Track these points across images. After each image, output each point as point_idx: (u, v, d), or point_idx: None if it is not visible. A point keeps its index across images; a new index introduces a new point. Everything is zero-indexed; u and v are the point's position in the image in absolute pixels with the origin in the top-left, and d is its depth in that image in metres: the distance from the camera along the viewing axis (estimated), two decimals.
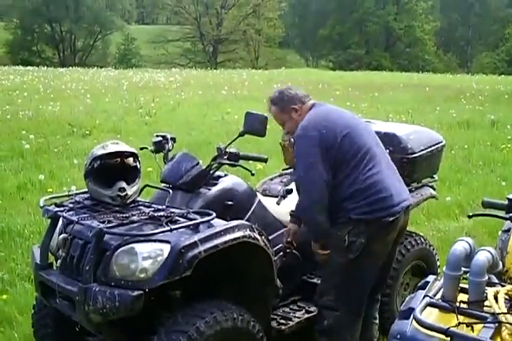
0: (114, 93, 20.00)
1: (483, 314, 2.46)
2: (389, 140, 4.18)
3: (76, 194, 3.80)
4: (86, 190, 3.71)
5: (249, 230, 3.36)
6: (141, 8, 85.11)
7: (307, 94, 3.91)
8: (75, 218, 3.31)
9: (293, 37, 70.37)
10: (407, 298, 2.83)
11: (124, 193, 3.51)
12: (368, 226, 3.59)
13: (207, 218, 3.29)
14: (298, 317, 4.04)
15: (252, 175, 4.49)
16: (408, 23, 60.58)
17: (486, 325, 2.42)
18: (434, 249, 4.78)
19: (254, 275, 3.58)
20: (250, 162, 4.38)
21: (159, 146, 4.18)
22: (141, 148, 4.34)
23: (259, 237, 3.40)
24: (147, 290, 3.06)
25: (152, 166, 6.83)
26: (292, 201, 4.10)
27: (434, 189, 4.81)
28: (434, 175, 4.84)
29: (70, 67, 36.55)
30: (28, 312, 4.42)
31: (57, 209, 3.52)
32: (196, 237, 3.13)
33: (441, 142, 4.73)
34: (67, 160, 9.73)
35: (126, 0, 78.39)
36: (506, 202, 3.34)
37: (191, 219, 3.31)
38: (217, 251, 3.17)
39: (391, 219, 3.63)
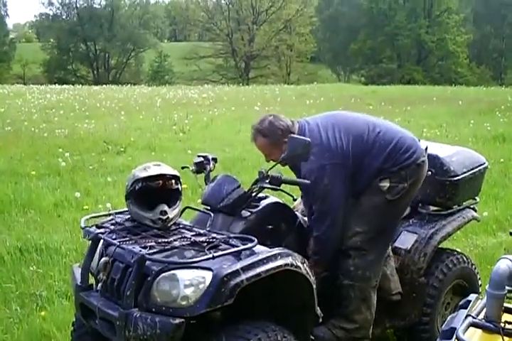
0: (147, 110, 20.16)
1: None
2: (431, 162, 4.14)
3: (116, 213, 3.80)
4: (125, 209, 3.71)
5: (292, 258, 3.32)
6: (174, 25, 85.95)
7: (292, 122, 3.93)
8: (116, 241, 3.30)
9: (324, 52, 70.40)
10: (448, 318, 2.76)
11: (166, 216, 3.47)
12: (408, 173, 3.86)
13: (249, 245, 3.25)
14: None
15: (294, 200, 4.49)
16: (440, 36, 60.24)
17: None
18: (475, 268, 4.71)
19: (295, 302, 3.54)
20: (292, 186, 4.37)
21: (200, 167, 4.16)
22: (183, 168, 4.34)
23: (301, 265, 3.36)
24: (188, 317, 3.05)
25: (187, 183, 6.87)
26: None
27: (475, 211, 4.74)
28: (476, 197, 4.76)
29: (104, 85, 37.00)
30: (67, 330, 4.45)
31: (98, 230, 3.52)
32: (239, 265, 3.09)
33: (483, 164, 4.66)
34: (102, 178, 9.81)
35: (159, 18, 79.36)
36: None
37: (233, 245, 3.28)
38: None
39: (423, 158, 3.95)
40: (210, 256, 3.09)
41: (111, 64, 64.40)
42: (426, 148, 4.12)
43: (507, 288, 2.57)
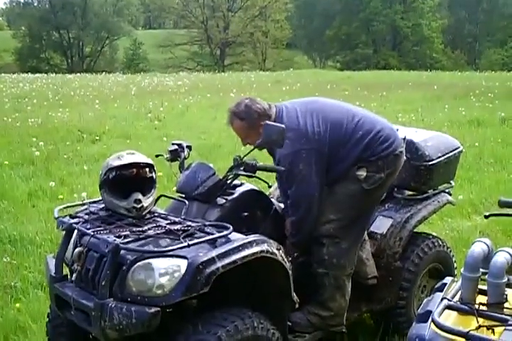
0: (122, 98, 20.04)
1: (504, 316, 2.41)
2: (406, 147, 4.12)
3: (90, 203, 3.76)
4: (100, 198, 3.67)
5: (267, 245, 3.31)
6: (148, 12, 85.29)
7: (269, 105, 3.90)
8: (90, 231, 3.27)
9: (300, 38, 70.32)
10: (424, 301, 2.77)
11: (140, 205, 3.44)
12: (385, 162, 3.87)
13: (224, 233, 3.23)
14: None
15: (269, 187, 4.46)
16: (415, 22, 60.42)
17: (508, 327, 2.36)
18: (451, 251, 4.73)
19: (271, 288, 3.53)
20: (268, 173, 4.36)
21: (175, 155, 4.12)
22: (157, 156, 4.29)
23: (276, 252, 3.35)
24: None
25: (162, 171, 6.83)
26: None
27: (450, 195, 4.76)
28: (451, 181, 4.78)
29: (79, 74, 36.69)
30: (42, 321, 4.41)
31: (72, 221, 3.48)
32: (214, 253, 3.08)
33: (458, 148, 4.66)
34: (77, 167, 9.73)
35: (133, 5, 78.68)
36: None
37: (208, 233, 3.26)
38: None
39: (401, 149, 3.96)
40: (185, 244, 3.06)
41: (85, 52, 63.77)
42: (404, 138, 4.13)
43: (481, 270, 2.58)
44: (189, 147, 4.21)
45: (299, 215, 3.86)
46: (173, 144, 4.19)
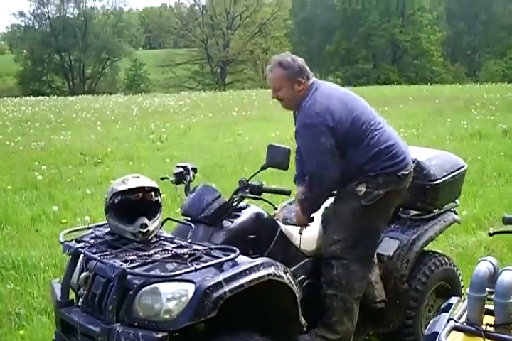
0: (124, 119, 20.09)
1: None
2: None
3: (95, 227, 3.76)
4: (105, 222, 3.67)
5: (274, 268, 3.29)
6: (148, 32, 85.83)
7: (310, 73, 3.96)
8: (96, 256, 3.26)
9: (300, 54, 68.92)
10: (430, 322, 2.74)
11: (146, 229, 3.44)
12: (385, 180, 3.83)
13: (231, 256, 3.21)
14: None
15: (275, 209, 4.45)
16: (414, 35, 60.59)
17: None
18: (457, 269, 4.70)
19: (278, 312, 3.51)
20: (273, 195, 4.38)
21: (180, 177, 4.13)
22: (162, 179, 4.29)
23: (283, 275, 3.33)
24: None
25: (166, 192, 6.80)
26: (314, 229, 4.12)
27: (456, 213, 4.74)
28: (457, 200, 4.75)
29: (80, 96, 36.82)
30: None
31: (77, 245, 3.48)
32: (221, 277, 3.06)
33: (463, 166, 4.65)
34: (80, 190, 9.73)
35: (133, 26, 79.16)
36: None
37: (215, 257, 3.25)
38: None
39: (406, 172, 3.90)
40: (192, 268, 3.06)
41: (86, 74, 64.04)
42: (414, 160, 4.12)
43: (487, 289, 2.56)
44: (194, 169, 4.22)
45: (319, 169, 3.79)
46: (178, 167, 4.20)
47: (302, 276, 3.92)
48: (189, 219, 3.83)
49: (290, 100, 3.89)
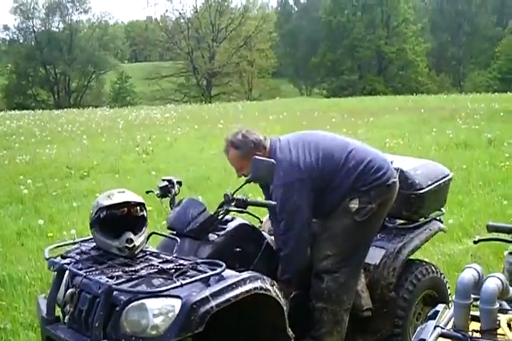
0: (110, 132, 20.06)
1: None
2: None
3: (81, 242, 3.75)
4: (90, 236, 3.66)
5: (261, 281, 3.28)
6: (134, 46, 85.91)
7: (264, 137, 3.96)
8: (82, 272, 3.24)
9: (285, 66, 70.90)
10: (417, 329, 2.75)
11: (132, 244, 3.42)
12: (377, 193, 3.87)
13: (217, 270, 3.20)
14: None
15: (261, 222, 4.45)
16: (399, 46, 61.08)
17: None
18: (444, 277, 4.72)
19: (266, 325, 3.50)
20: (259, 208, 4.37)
21: (165, 191, 4.13)
22: (147, 192, 4.29)
23: (270, 288, 3.33)
24: None
25: (152, 205, 6.79)
26: None
27: (442, 222, 4.75)
28: (442, 208, 4.77)
29: (66, 109, 36.78)
30: None
31: (63, 261, 3.45)
32: (208, 292, 3.05)
33: (448, 175, 4.66)
34: (66, 204, 9.67)
35: (118, 39, 79.22)
36: (511, 225, 3.29)
37: (201, 271, 3.23)
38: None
39: (394, 180, 3.96)
40: (179, 283, 3.04)
41: (72, 87, 64.02)
42: (397, 169, 4.13)
43: (473, 296, 2.56)
44: (179, 183, 4.22)
45: (290, 247, 3.84)
46: (163, 180, 4.20)
47: None
48: (175, 232, 3.83)
49: None
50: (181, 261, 3.36)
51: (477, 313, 2.56)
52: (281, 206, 3.80)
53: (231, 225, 3.85)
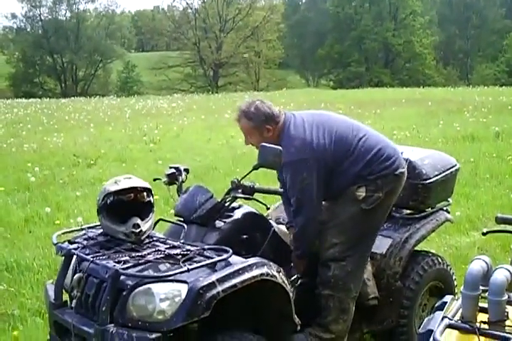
0: (117, 121, 20.07)
1: (506, 334, 2.40)
2: None
3: (88, 228, 3.77)
4: (97, 223, 3.68)
5: (267, 267, 3.30)
6: (141, 35, 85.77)
7: (279, 111, 3.94)
8: (89, 257, 3.26)
9: (292, 57, 70.69)
10: (425, 320, 2.75)
11: (139, 230, 3.44)
12: (384, 182, 3.86)
13: (224, 256, 3.22)
14: None
15: (267, 209, 4.46)
16: (406, 39, 60.81)
17: None
18: (451, 269, 4.72)
19: (272, 311, 3.52)
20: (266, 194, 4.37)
21: (172, 178, 4.14)
22: (155, 179, 4.30)
23: (276, 274, 3.34)
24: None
25: (159, 193, 6.80)
26: None
27: (449, 212, 4.74)
28: (449, 199, 4.76)
29: (72, 98, 36.78)
30: None
31: (71, 246, 3.48)
32: (214, 277, 3.06)
33: (455, 166, 4.66)
34: (73, 192, 9.70)
35: (125, 28, 79.08)
36: None
37: (208, 257, 3.25)
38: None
39: (402, 170, 3.95)
40: (185, 269, 3.06)
41: (79, 76, 63.92)
42: (407, 159, 4.13)
43: (481, 288, 2.57)
44: (186, 170, 4.22)
45: (301, 224, 3.85)
46: (170, 168, 4.21)
47: (296, 275, 3.92)
48: (182, 219, 3.84)
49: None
50: (188, 247, 3.38)
51: (485, 305, 2.57)
52: (291, 183, 3.81)
53: (238, 213, 3.86)
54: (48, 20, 63.98)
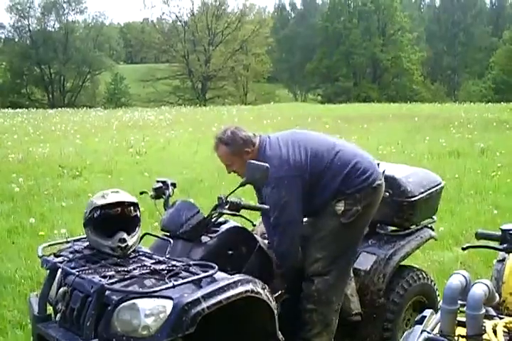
0: (103, 133, 20.01)
1: None
2: (388, 183, 4.15)
3: (74, 241, 3.76)
4: (83, 236, 3.67)
5: (252, 284, 3.30)
6: (129, 47, 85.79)
7: (253, 134, 4.00)
8: (75, 271, 3.25)
9: (281, 71, 71.05)
10: (405, 333, 2.77)
11: (125, 244, 3.44)
12: (362, 195, 3.89)
13: (209, 272, 3.22)
14: None
15: (253, 225, 4.47)
16: (395, 54, 61.29)
17: None
18: (434, 284, 4.74)
19: (256, 328, 3.52)
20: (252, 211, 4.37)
21: (159, 192, 4.14)
22: (141, 193, 4.30)
23: (261, 291, 3.35)
24: None
25: (144, 207, 6.78)
26: None
27: (433, 230, 4.77)
28: (434, 216, 4.79)
29: (60, 108, 36.71)
30: None
31: (56, 259, 3.46)
32: (199, 293, 3.06)
33: (440, 183, 4.68)
34: (58, 202, 9.64)
35: (113, 40, 79.14)
36: (500, 233, 3.31)
37: (193, 273, 3.25)
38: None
39: (379, 182, 3.98)
40: (171, 284, 3.05)
41: (66, 87, 63.87)
42: (383, 172, 4.15)
43: (459, 302, 2.59)
44: (174, 184, 4.23)
45: (282, 243, 3.88)
46: (157, 182, 4.21)
47: (280, 292, 3.93)
48: (168, 234, 3.84)
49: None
50: (174, 263, 3.37)
51: (463, 319, 2.59)
52: (271, 201, 3.83)
53: (224, 228, 3.86)
54: (36, 31, 63.90)
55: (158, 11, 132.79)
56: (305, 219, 4.05)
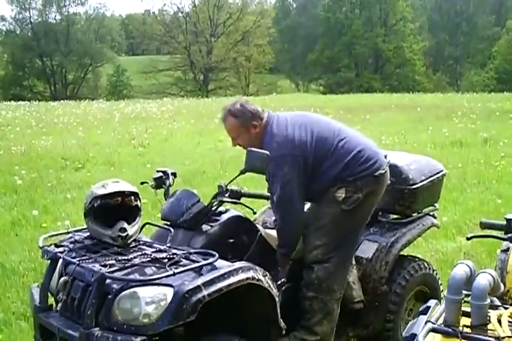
0: (106, 125, 20.02)
1: (487, 338, 2.41)
2: (390, 170, 4.13)
3: (75, 231, 3.76)
4: (84, 226, 3.68)
5: (253, 272, 3.31)
6: (131, 39, 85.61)
7: (262, 109, 4.00)
8: (75, 260, 3.26)
9: (283, 62, 70.82)
10: (409, 324, 2.77)
11: (125, 233, 3.45)
12: (364, 183, 3.87)
13: (210, 260, 3.22)
14: None
15: (254, 213, 4.46)
16: (397, 44, 61.04)
17: None
18: (437, 274, 4.74)
19: (258, 315, 3.52)
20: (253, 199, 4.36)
21: (160, 182, 4.17)
22: (142, 183, 4.32)
23: (262, 278, 3.35)
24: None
25: (147, 198, 6.79)
26: None
27: (435, 217, 4.76)
28: (436, 204, 4.78)
29: (62, 101, 36.65)
30: None
31: (57, 250, 3.47)
32: (200, 281, 3.07)
33: (441, 171, 4.67)
34: (61, 195, 9.67)
35: (115, 31, 78.98)
36: (504, 223, 3.31)
37: (194, 261, 3.25)
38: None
39: (382, 171, 3.94)
40: (171, 272, 3.06)
41: (68, 79, 63.78)
42: (388, 162, 4.14)
43: (464, 292, 2.58)
44: (174, 174, 4.24)
45: (286, 222, 3.87)
46: (158, 171, 4.23)
47: (282, 280, 3.92)
48: (168, 223, 3.84)
49: (251, 144, 3.85)
50: (174, 251, 3.38)
51: (468, 309, 2.58)
52: (272, 178, 3.83)
53: (224, 216, 3.87)
54: (37, 23, 63.73)
55: (160, 2, 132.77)
56: (306, 207, 4.04)
